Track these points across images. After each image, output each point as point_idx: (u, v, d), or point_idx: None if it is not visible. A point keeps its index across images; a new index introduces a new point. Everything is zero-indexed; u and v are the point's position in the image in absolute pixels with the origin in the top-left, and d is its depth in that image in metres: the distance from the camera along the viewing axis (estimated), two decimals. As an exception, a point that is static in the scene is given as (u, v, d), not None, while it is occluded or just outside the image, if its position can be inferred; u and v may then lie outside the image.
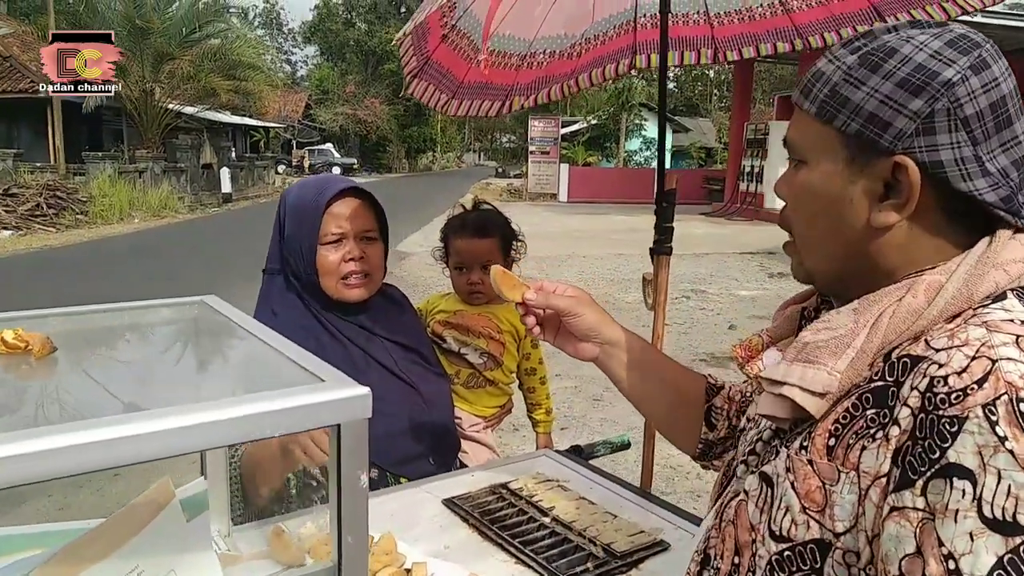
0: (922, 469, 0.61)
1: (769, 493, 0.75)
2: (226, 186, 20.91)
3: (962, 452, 0.59)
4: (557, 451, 1.74)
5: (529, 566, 1.18)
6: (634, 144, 30.74)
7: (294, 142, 40.10)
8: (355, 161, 40.01)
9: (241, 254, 9.42)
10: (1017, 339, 0.63)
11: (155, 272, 9.38)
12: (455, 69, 1.91)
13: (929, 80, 0.69)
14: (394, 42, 1.98)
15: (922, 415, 0.63)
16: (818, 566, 0.69)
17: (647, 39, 1.78)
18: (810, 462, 0.71)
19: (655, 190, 1.90)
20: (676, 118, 36.80)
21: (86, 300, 1.01)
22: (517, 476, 1.50)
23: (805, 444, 0.72)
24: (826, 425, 0.71)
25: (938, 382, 0.63)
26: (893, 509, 0.63)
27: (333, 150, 38.85)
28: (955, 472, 0.59)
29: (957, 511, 0.59)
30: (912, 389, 0.64)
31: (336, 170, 32.32)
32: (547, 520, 1.30)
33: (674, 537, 1.28)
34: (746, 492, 0.79)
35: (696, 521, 1.35)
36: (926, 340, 0.68)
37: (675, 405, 1.13)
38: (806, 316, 0.89)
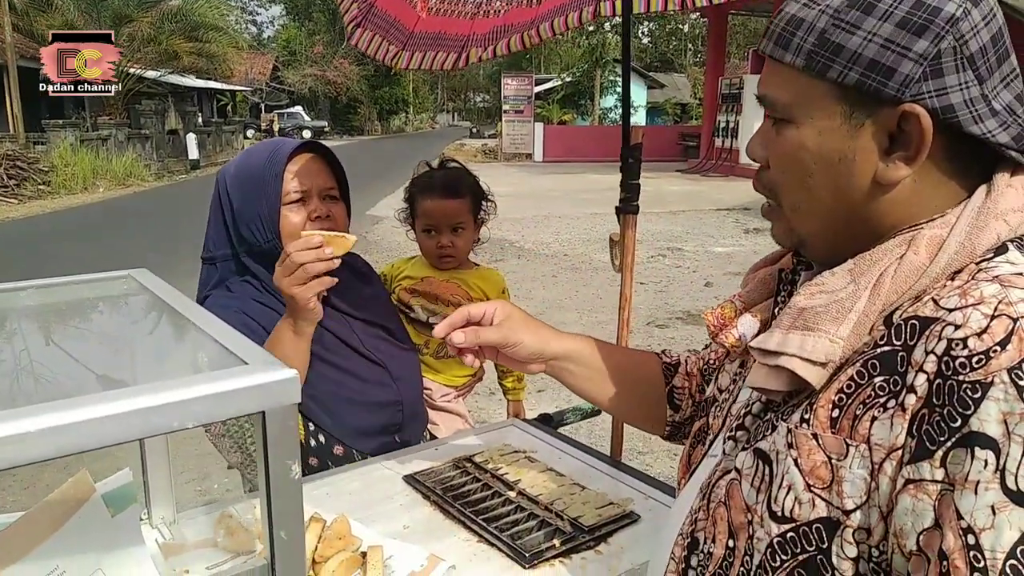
0: (941, 439, 0.56)
1: (767, 471, 0.69)
2: (193, 152, 20.42)
3: (986, 420, 0.54)
4: (526, 420, 1.68)
5: (493, 544, 1.12)
6: (609, 101, 30.39)
7: (262, 105, 39.23)
8: (326, 124, 39.32)
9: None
10: None
11: (117, 243, 9.17)
12: (403, 17, 1.78)
13: (932, 17, 0.62)
14: (331, -13, 1.86)
15: (939, 381, 0.58)
16: (825, 546, 0.63)
17: (611, -15, 1.67)
18: (814, 436, 0.65)
19: (622, 145, 1.81)
20: (651, 74, 36.47)
21: (42, 275, 0.93)
22: (483, 448, 1.45)
23: (806, 417, 0.67)
24: (828, 395, 0.65)
25: (957, 345, 0.57)
26: (909, 482, 0.58)
27: (303, 113, 38.11)
28: (977, 441, 0.54)
29: (978, 483, 0.54)
30: (927, 353, 0.59)
31: (307, 133, 31.75)
32: (512, 494, 1.25)
33: (644, 508, 1.23)
34: (738, 470, 0.73)
35: (667, 489, 1.31)
36: (934, 300, 0.62)
37: (635, 397, 1.10)
38: (784, 279, 0.82)
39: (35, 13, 17.27)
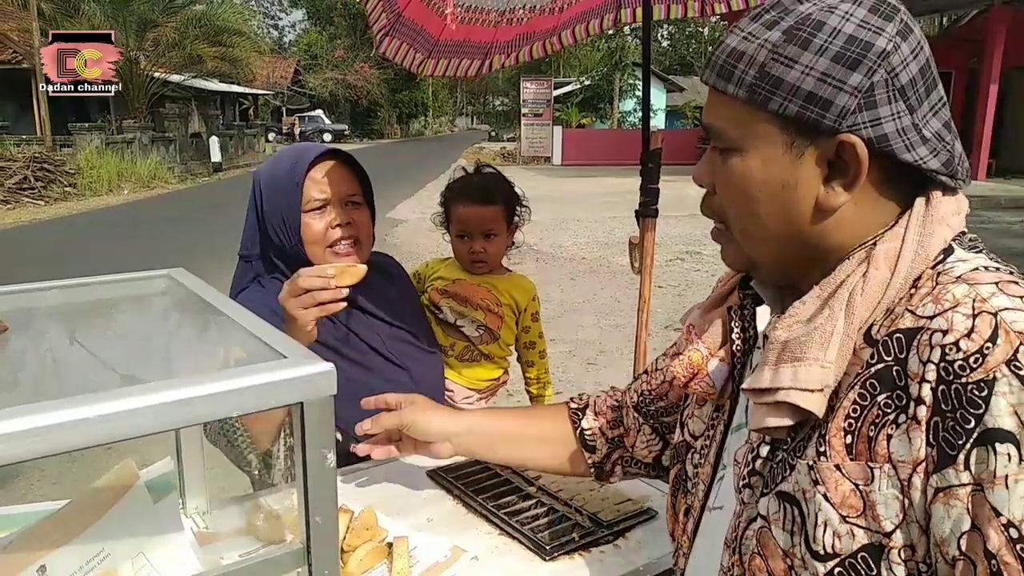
0: (960, 443, 0.58)
1: (796, 512, 0.69)
2: (216, 155, 20.66)
3: (999, 415, 0.57)
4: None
5: (514, 537, 1.16)
6: (628, 105, 30.34)
7: (284, 109, 39.63)
8: (346, 127, 39.59)
9: (230, 225, 9.33)
10: (998, 285, 0.62)
11: (144, 244, 9.31)
12: (429, 26, 1.82)
13: (865, 52, 0.65)
14: (361, -1, 1.90)
15: (943, 387, 0.60)
16: (874, 573, 0.64)
17: (632, -8, 1.71)
18: (837, 467, 0.66)
19: (642, 150, 1.84)
20: (670, 77, 36.36)
21: (74, 275, 0.97)
22: (504, 445, 1.48)
23: (822, 450, 0.67)
24: (838, 424, 0.67)
25: (950, 349, 0.60)
26: (938, 491, 0.59)
27: (324, 116, 38.44)
28: (996, 437, 0.56)
29: (1007, 476, 0.56)
30: (923, 363, 0.61)
31: (327, 136, 32.01)
32: (533, 490, 1.28)
33: (661, 505, 1.25)
34: (764, 517, 0.72)
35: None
36: (908, 310, 0.65)
37: (548, 450, 1.16)
38: (732, 316, 0.84)
39: (62, 19, 17.56)
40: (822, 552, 0.66)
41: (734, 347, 0.83)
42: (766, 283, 0.82)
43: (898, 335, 0.64)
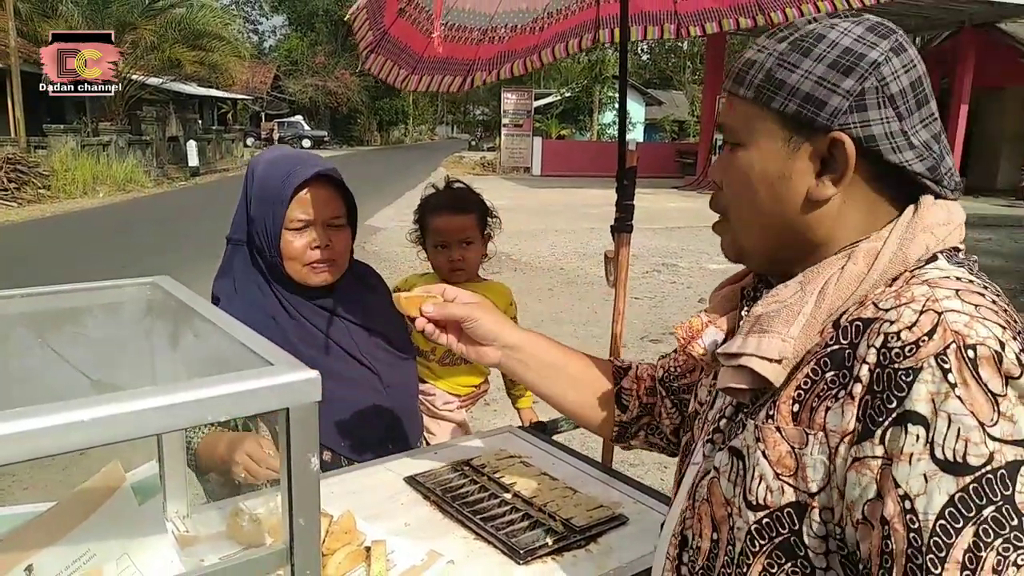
0: (880, 419, 0.65)
1: (740, 465, 0.78)
2: (193, 159, 20.48)
3: (917, 400, 0.63)
4: (521, 427, 1.75)
5: (489, 542, 1.19)
6: (608, 117, 30.60)
7: (263, 114, 39.37)
8: (325, 134, 39.40)
9: (208, 231, 9.27)
10: (957, 292, 0.68)
11: (121, 250, 9.21)
12: (414, 44, 1.87)
13: (858, 61, 0.74)
14: (347, 17, 1.93)
15: (878, 370, 0.66)
16: (796, 527, 0.71)
17: (610, 13, 1.76)
18: (778, 429, 0.73)
19: (618, 167, 1.90)
20: (649, 91, 36.69)
21: (49, 280, 0.99)
22: (480, 453, 1.51)
23: (771, 413, 0.75)
24: (789, 392, 0.74)
25: (892, 338, 0.66)
26: (855, 460, 0.66)
27: (303, 122, 38.21)
28: (910, 419, 0.63)
29: (912, 454, 0.62)
30: (868, 347, 0.68)
31: (306, 143, 31.84)
32: (508, 496, 1.32)
33: (633, 511, 1.30)
34: (716, 469, 0.81)
35: (655, 495, 1.38)
36: (873, 303, 0.72)
37: (585, 394, 1.17)
38: (746, 296, 0.92)
39: (39, 19, 17.36)
40: (755, 503, 0.74)
41: (740, 323, 0.90)
42: (757, 271, 0.89)
43: (857, 323, 0.71)
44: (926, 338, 0.64)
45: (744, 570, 0.75)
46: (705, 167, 18.60)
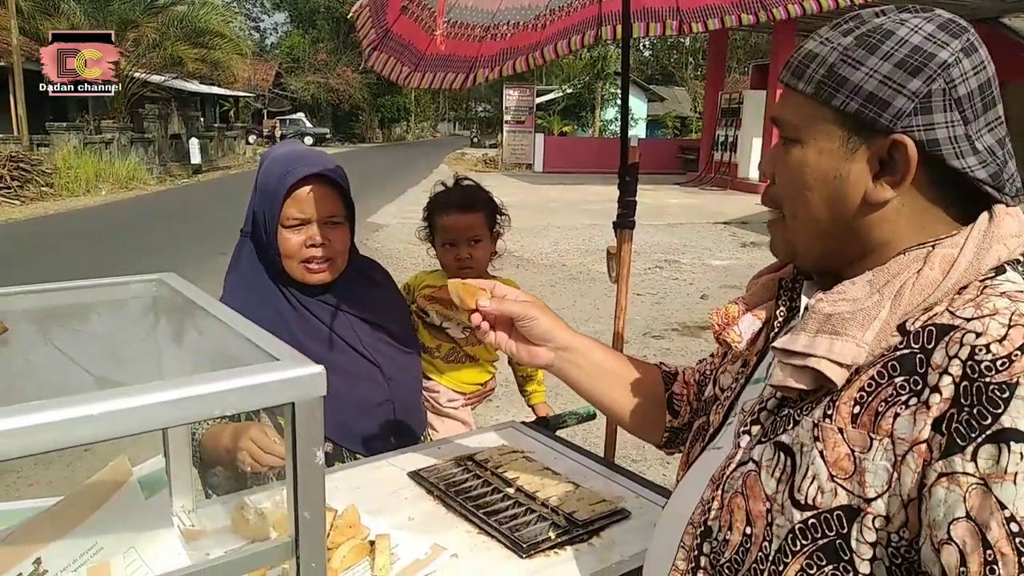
0: (972, 435, 0.62)
1: (789, 462, 0.75)
2: (195, 157, 20.50)
3: (1016, 416, 0.60)
4: (524, 423, 1.76)
5: (492, 536, 1.20)
6: (609, 113, 30.58)
7: (265, 112, 39.38)
8: (327, 131, 39.42)
9: (211, 228, 9.28)
10: None
11: (124, 247, 9.23)
12: (416, 41, 1.88)
13: (927, 61, 0.71)
14: (350, 15, 1.94)
15: (966, 383, 0.64)
16: (844, 531, 0.69)
17: (612, 10, 1.76)
18: (839, 430, 0.71)
19: (620, 164, 1.90)
20: (651, 87, 36.67)
21: (52, 277, 1.00)
22: (484, 448, 1.52)
23: (829, 413, 0.72)
24: (850, 394, 0.72)
25: (980, 350, 0.64)
26: (942, 475, 0.63)
27: (305, 119, 38.24)
28: (1011, 436, 0.60)
29: (1016, 474, 0.59)
30: (950, 358, 0.65)
31: (308, 140, 31.82)
32: (511, 491, 1.32)
33: (635, 505, 1.31)
34: (756, 462, 0.78)
35: (657, 489, 1.38)
36: (948, 310, 0.69)
37: (636, 399, 1.15)
38: (784, 286, 0.90)
39: (41, 17, 17.36)
40: (802, 502, 0.72)
41: (777, 312, 0.90)
42: (807, 270, 0.87)
43: (931, 328, 0.69)
44: (1019, 353, 0.62)
45: (780, 568, 0.72)
46: (707, 164, 18.58)
